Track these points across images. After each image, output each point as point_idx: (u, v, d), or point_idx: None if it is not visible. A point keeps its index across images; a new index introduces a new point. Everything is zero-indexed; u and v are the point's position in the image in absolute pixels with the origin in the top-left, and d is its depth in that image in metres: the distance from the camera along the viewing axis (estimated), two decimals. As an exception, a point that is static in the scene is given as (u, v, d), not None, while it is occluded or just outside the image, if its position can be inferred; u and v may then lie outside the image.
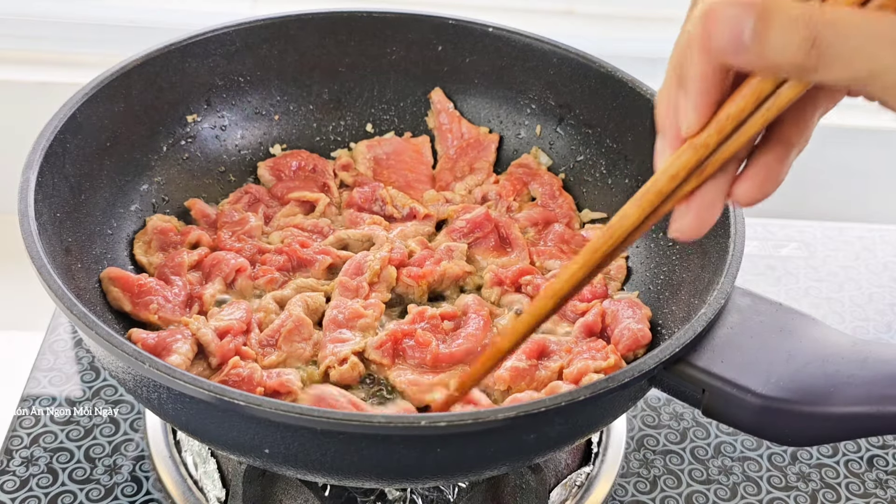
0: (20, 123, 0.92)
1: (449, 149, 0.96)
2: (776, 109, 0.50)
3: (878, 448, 0.90)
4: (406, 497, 0.77)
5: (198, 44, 0.88)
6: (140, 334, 0.72)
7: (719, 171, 0.52)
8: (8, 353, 1.04)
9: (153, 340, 0.72)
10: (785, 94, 0.49)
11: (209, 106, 0.91)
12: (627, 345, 0.74)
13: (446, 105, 0.96)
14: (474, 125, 0.96)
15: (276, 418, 0.55)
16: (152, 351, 0.71)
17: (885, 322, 1.06)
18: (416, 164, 0.95)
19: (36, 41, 1.23)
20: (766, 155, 0.53)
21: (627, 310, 0.77)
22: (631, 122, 0.87)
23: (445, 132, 0.96)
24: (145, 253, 0.81)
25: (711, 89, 0.50)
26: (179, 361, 0.70)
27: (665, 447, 0.88)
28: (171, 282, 0.78)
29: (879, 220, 1.22)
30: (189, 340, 0.72)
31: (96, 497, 0.78)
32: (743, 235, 0.71)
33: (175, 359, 0.70)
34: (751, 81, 0.49)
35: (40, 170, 0.71)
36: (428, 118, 0.97)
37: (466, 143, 0.95)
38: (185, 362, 0.71)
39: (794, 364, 0.64)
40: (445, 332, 0.78)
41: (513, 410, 0.57)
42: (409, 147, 0.96)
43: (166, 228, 0.83)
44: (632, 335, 0.74)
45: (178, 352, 0.71)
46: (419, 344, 0.75)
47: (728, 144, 0.51)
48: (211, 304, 0.78)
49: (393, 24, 0.94)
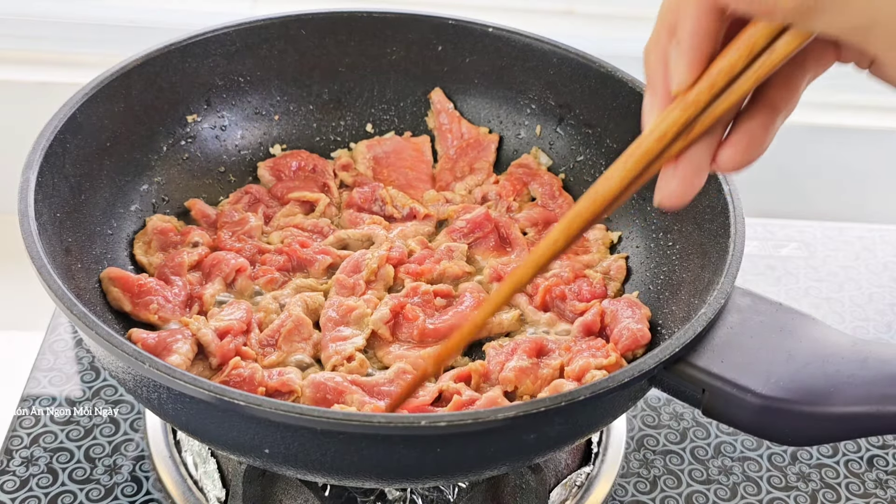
0: (20, 123, 0.92)
1: (449, 149, 0.96)
2: (770, 66, 0.48)
3: (878, 448, 0.90)
4: (406, 497, 0.77)
5: (198, 44, 0.88)
6: (140, 334, 0.72)
7: (706, 134, 0.51)
8: (8, 353, 1.04)
9: (153, 340, 0.72)
10: (780, 48, 0.48)
11: (209, 106, 0.91)
12: (627, 344, 0.74)
13: (446, 105, 0.96)
14: (474, 125, 0.96)
15: (276, 418, 0.55)
16: (152, 351, 0.71)
17: (885, 322, 1.06)
18: (417, 164, 0.95)
19: (36, 41, 1.23)
20: (751, 120, 0.52)
21: (627, 309, 0.77)
22: (631, 123, 0.87)
23: (445, 132, 0.96)
24: (145, 253, 0.81)
25: (704, 40, 0.49)
26: (179, 361, 0.70)
27: (665, 447, 0.88)
28: (171, 282, 0.78)
29: (879, 220, 1.22)
30: (189, 341, 0.72)
31: (96, 497, 0.78)
32: (743, 235, 0.71)
33: (175, 359, 0.70)
34: (744, 33, 0.48)
35: (40, 170, 0.71)
36: (428, 118, 0.97)
37: (466, 143, 0.95)
38: (186, 362, 0.71)
39: (794, 364, 0.64)
40: (436, 308, 0.79)
41: (512, 410, 0.57)
42: (409, 146, 0.96)
43: (166, 228, 0.83)
44: (631, 335, 0.74)
45: (178, 352, 0.71)
46: (406, 319, 0.76)
47: (718, 103, 0.50)
48: (211, 304, 0.78)
49: (393, 24, 0.94)
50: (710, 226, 0.75)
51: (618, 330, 0.75)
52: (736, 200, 0.74)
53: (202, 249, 0.82)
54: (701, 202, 0.77)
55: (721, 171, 0.54)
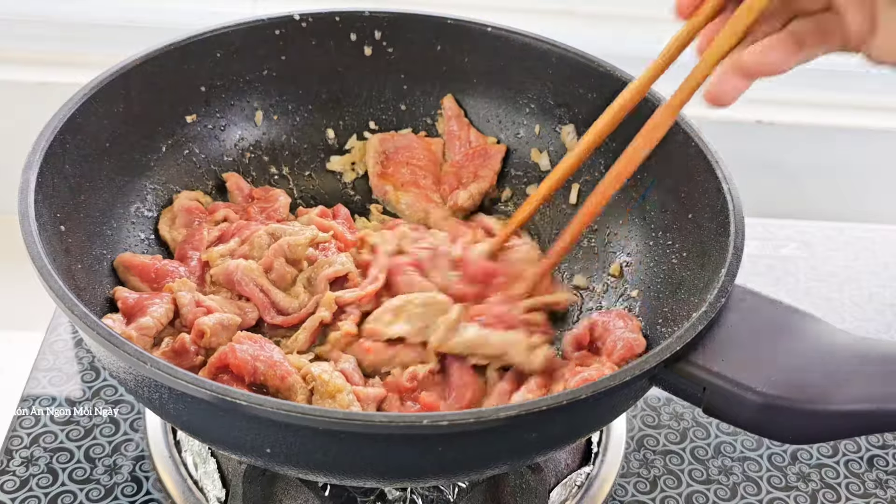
0: (20, 123, 0.92)
1: (456, 154, 0.96)
2: None
3: (878, 448, 0.90)
4: (406, 497, 0.77)
5: (198, 44, 0.88)
6: (122, 293, 0.73)
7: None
8: (8, 353, 1.04)
9: (132, 301, 0.72)
10: None
11: (209, 106, 0.91)
12: (622, 354, 0.73)
13: (457, 112, 0.96)
14: (483, 135, 0.96)
15: (277, 418, 0.55)
16: (129, 310, 0.72)
17: (886, 322, 1.06)
18: (426, 163, 0.95)
19: (36, 41, 1.23)
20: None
21: (618, 321, 0.76)
22: (630, 122, 0.87)
23: (454, 138, 0.96)
24: (170, 229, 0.83)
25: None
26: (151, 324, 0.71)
27: (665, 447, 0.88)
28: (189, 258, 0.79)
29: (879, 220, 1.22)
30: (167, 305, 0.73)
31: (96, 497, 0.78)
32: (743, 234, 0.71)
33: (146, 321, 0.71)
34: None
35: (40, 170, 0.71)
36: (438, 123, 0.97)
37: (473, 150, 0.95)
38: (157, 325, 0.71)
39: (795, 362, 0.64)
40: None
41: (514, 409, 0.57)
42: (422, 145, 0.96)
43: (192, 207, 0.84)
44: (626, 343, 0.73)
45: (152, 315, 0.71)
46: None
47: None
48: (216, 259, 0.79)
49: (392, 24, 0.94)
50: (710, 225, 0.75)
51: (611, 340, 0.75)
52: (736, 200, 0.74)
53: (224, 225, 0.83)
54: (701, 201, 0.77)
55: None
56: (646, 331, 0.77)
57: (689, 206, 0.79)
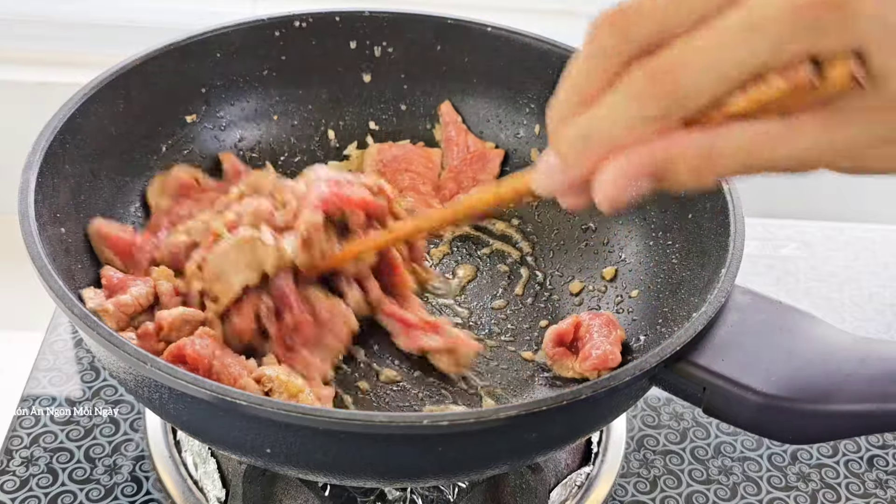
0: (20, 123, 0.92)
1: (454, 160, 0.96)
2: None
3: (878, 448, 0.90)
4: (406, 497, 0.77)
5: (198, 44, 0.88)
6: (108, 272, 0.73)
7: None
8: (8, 353, 1.04)
9: (117, 280, 0.73)
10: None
11: (208, 106, 0.91)
12: (594, 363, 0.73)
13: (455, 118, 0.96)
14: (481, 140, 0.96)
15: (277, 418, 0.55)
16: (112, 288, 0.72)
17: (886, 322, 1.06)
18: (424, 171, 0.95)
19: (36, 41, 1.23)
20: None
21: (603, 328, 0.76)
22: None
23: (452, 144, 0.96)
24: (158, 195, 0.83)
25: None
26: (129, 301, 0.71)
27: (665, 447, 0.88)
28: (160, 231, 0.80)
29: (879, 220, 1.22)
30: (147, 288, 0.73)
31: (96, 497, 0.78)
32: (743, 234, 0.71)
33: (125, 298, 0.71)
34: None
35: (40, 170, 0.71)
36: (435, 131, 0.97)
37: (472, 155, 0.95)
38: (135, 303, 0.71)
39: (795, 362, 0.64)
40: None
41: (514, 409, 0.57)
42: (420, 154, 0.96)
43: (188, 183, 0.84)
44: (602, 355, 0.73)
45: (131, 293, 0.72)
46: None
47: None
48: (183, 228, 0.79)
49: (392, 24, 0.94)
50: (710, 224, 0.75)
51: (589, 346, 0.74)
52: (736, 200, 0.74)
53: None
54: (701, 201, 0.77)
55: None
56: (646, 331, 0.77)
57: (689, 205, 0.79)
